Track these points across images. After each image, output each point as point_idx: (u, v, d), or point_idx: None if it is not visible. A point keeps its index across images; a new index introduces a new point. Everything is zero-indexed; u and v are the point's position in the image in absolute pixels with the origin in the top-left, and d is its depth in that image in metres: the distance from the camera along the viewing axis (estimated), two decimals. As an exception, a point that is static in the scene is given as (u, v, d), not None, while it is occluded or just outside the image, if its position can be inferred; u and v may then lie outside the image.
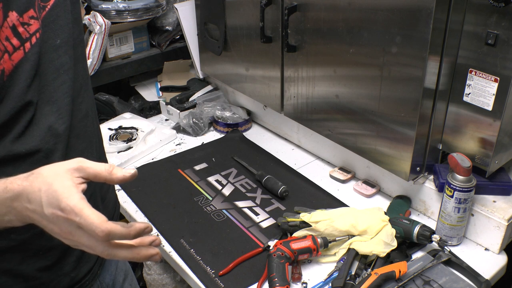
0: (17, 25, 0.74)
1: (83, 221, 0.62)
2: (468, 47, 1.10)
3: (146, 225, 0.65)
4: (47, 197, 0.64)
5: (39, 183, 0.65)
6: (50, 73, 0.81)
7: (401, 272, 1.09)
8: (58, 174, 0.65)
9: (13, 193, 0.66)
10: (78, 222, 0.62)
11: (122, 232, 0.63)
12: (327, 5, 1.25)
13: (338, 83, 1.32)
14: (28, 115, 0.78)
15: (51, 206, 0.64)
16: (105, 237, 0.62)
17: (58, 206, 0.63)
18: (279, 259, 1.12)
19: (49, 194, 0.64)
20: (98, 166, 0.67)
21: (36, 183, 0.65)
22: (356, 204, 1.38)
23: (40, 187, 0.64)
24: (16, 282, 0.86)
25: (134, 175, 0.69)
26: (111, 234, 0.62)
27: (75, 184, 0.65)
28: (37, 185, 0.65)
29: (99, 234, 0.62)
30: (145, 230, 0.65)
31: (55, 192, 0.63)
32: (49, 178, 0.65)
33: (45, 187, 0.64)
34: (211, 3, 1.67)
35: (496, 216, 1.18)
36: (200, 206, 1.40)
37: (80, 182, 0.66)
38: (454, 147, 1.22)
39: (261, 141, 1.74)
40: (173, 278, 1.53)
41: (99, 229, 0.62)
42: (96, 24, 1.70)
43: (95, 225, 0.62)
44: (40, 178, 0.65)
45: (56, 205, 0.63)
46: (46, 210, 0.64)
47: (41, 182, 0.65)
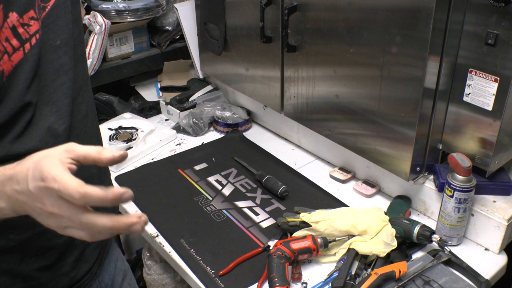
0: (17, 26, 0.74)
1: (61, 185, 0.61)
2: (468, 47, 1.10)
3: (125, 190, 0.63)
4: (32, 172, 0.63)
5: (28, 163, 0.65)
6: (50, 73, 0.80)
7: (401, 272, 1.09)
8: (48, 154, 0.65)
9: (5, 176, 0.66)
10: (57, 189, 0.61)
11: (99, 194, 0.61)
12: (327, 5, 1.25)
13: (338, 83, 1.32)
14: (27, 115, 0.78)
15: (34, 179, 0.63)
16: (81, 199, 0.61)
17: (40, 177, 0.62)
18: (279, 259, 1.12)
19: (35, 169, 0.63)
20: (87, 148, 0.66)
21: (25, 164, 0.65)
22: (356, 204, 1.38)
23: (28, 166, 0.64)
24: (15, 282, 0.86)
25: (123, 156, 0.67)
26: (87, 196, 0.61)
27: (62, 162, 0.64)
28: (26, 165, 0.65)
29: (75, 196, 0.60)
30: (124, 195, 0.62)
31: (41, 166, 0.63)
32: (38, 157, 0.65)
33: (33, 165, 0.64)
34: (211, 3, 1.67)
35: (496, 216, 1.18)
36: (200, 206, 1.40)
37: (68, 162, 0.65)
38: (454, 147, 1.22)
39: (261, 141, 1.74)
40: (173, 278, 1.53)
41: (76, 191, 0.60)
42: (96, 24, 1.70)
43: (72, 187, 0.61)
44: (30, 159, 0.65)
45: (39, 176, 0.62)
46: (30, 184, 0.63)
47: (30, 162, 0.65)
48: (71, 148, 0.66)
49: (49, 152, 0.66)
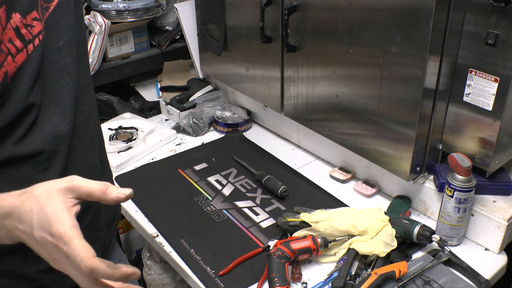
0: (20, 26, 0.74)
1: (70, 251, 0.61)
2: (468, 47, 1.10)
3: (133, 271, 0.63)
4: (38, 219, 0.62)
5: (31, 203, 0.64)
6: (53, 74, 0.80)
7: (401, 272, 1.09)
8: (50, 195, 0.63)
9: (4, 210, 0.65)
10: (66, 252, 0.61)
11: (106, 272, 0.61)
12: (327, 5, 1.25)
13: (338, 83, 1.32)
14: (31, 117, 0.77)
15: (41, 230, 0.62)
16: (88, 273, 0.61)
17: (48, 230, 0.62)
18: (279, 259, 1.12)
19: (41, 217, 0.62)
20: (91, 185, 0.65)
21: (28, 203, 0.64)
22: (356, 204, 1.38)
23: (32, 208, 0.63)
24: (19, 284, 0.86)
25: (130, 196, 0.68)
26: (95, 271, 0.61)
27: (67, 208, 0.63)
28: (29, 205, 0.64)
29: (83, 269, 0.60)
30: (132, 276, 0.63)
31: (47, 216, 0.62)
32: (41, 199, 0.63)
33: (36, 208, 0.63)
34: (211, 3, 1.67)
35: (496, 216, 1.18)
36: (200, 206, 1.40)
37: (72, 204, 0.64)
38: (454, 147, 1.22)
39: (261, 141, 1.74)
40: (173, 278, 1.53)
41: (84, 264, 0.60)
42: (96, 24, 1.70)
43: (80, 258, 0.60)
44: (32, 198, 0.64)
45: (47, 229, 0.62)
46: (36, 232, 0.63)
47: (33, 202, 0.63)
48: (74, 186, 0.64)
49: (52, 190, 0.64)
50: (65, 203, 0.63)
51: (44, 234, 0.62)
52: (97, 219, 0.96)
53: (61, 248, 0.61)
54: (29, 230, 0.63)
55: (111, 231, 1.03)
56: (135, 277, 0.63)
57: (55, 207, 0.62)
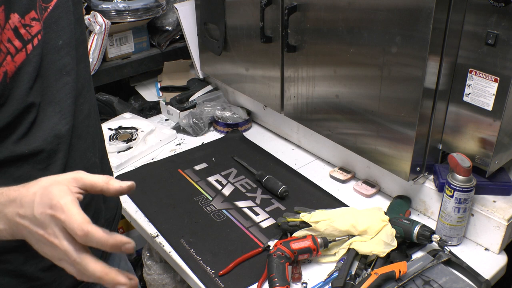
0: (18, 26, 0.74)
1: (67, 218, 0.62)
2: (468, 47, 1.10)
3: (128, 240, 0.63)
4: (40, 197, 0.64)
5: (35, 188, 0.65)
6: (53, 74, 0.81)
7: (401, 272, 1.09)
8: (57, 181, 0.66)
9: (8, 198, 0.66)
10: (63, 220, 0.62)
11: (100, 237, 0.61)
12: (327, 5, 1.25)
13: (338, 83, 1.32)
14: (30, 116, 0.78)
15: (42, 206, 0.63)
16: (83, 237, 0.61)
17: (49, 204, 0.63)
18: (279, 259, 1.12)
19: (43, 195, 0.64)
20: (95, 177, 0.67)
21: (32, 188, 0.66)
22: (356, 204, 1.38)
23: (35, 191, 0.65)
24: (20, 282, 0.86)
25: (131, 187, 0.69)
26: (89, 235, 0.61)
27: (71, 191, 0.65)
28: (33, 189, 0.65)
29: (78, 233, 0.61)
30: (125, 245, 0.62)
31: (50, 193, 0.64)
32: (46, 183, 0.65)
33: (40, 190, 0.64)
34: (211, 3, 1.67)
35: (496, 216, 1.18)
36: (200, 206, 1.40)
37: (76, 192, 0.66)
38: (454, 147, 1.22)
39: (261, 141, 1.74)
40: (173, 278, 1.53)
41: (80, 227, 0.61)
42: (96, 24, 1.70)
43: (77, 223, 0.61)
44: (38, 184, 0.66)
45: (48, 203, 0.63)
46: (37, 210, 0.64)
47: (38, 186, 0.65)
48: (79, 177, 0.66)
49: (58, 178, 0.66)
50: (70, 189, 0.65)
51: (44, 209, 0.63)
52: (97, 218, 0.96)
53: (59, 217, 0.62)
54: (29, 211, 0.64)
55: (111, 230, 1.03)
56: (129, 247, 0.63)
57: (60, 188, 0.64)
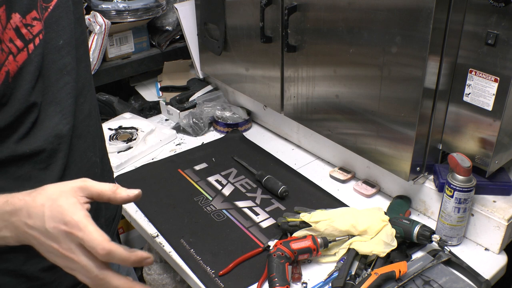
0: (20, 26, 0.74)
1: (86, 236, 0.61)
2: (468, 47, 1.10)
3: (148, 255, 0.63)
4: (50, 211, 0.63)
5: (42, 199, 0.65)
6: (53, 74, 0.81)
7: (401, 272, 1.09)
8: (63, 191, 0.65)
9: (14, 207, 0.66)
10: (81, 238, 0.61)
11: (122, 254, 0.62)
12: (327, 5, 1.25)
13: (338, 83, 1.32)
14: (32, 116, 0.78)
15: (54, 220, 0.63)
16: (105, 256, 0.61)
17: (62, 220, 0.62)
18: (279, 259, 1.12)
19: (53, 209, 0.63)
20: (102, 186, 0.66)
21: (39, 199, 0.65)
22: (356, 204, 1.38)
23: (43, 203, 0.64)
24: (19, 282, 0.86)
25: (138, 196, 0.69)
26: (111, 254, 0.61)
27: (79, 202, 0.64)
28: (40, 200, 0.65)
29: (99, 252, 0.61)
30: (146, 260, 0.63)
31: (60, 207, 0.63)
32: (54, 194, 0.65)
33: (49, 202, 0.64)
34: (211, 3, 1.67)
35: (496, 216, 1.18)
36: (200, 206, 1.40)
37: (84, 202, 0.65)
38: (454, 147, 1.22)
39: (261, 141, 1.74)
40: (173, 278, 1.53)
41: (101, 246, 0.61)
42: (96, 24, 1.70)
43: (97, 241, 0.61)
44: (44, 194, 0.65)
45: (60, 219, 0.62)
46: (48, 224, 0.63)
47: (45, 197, 0.65)
48: (86, 186, 0.66)
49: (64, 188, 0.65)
50: (77, 199, 0.64)
51: (57, 224, 0.63)
52: (96, 217, 0.96)
53: (76, 235, 0.62)
54: (39, 223, 0.64)
55: (111, 230, 1.03)
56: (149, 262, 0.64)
57: (68, 200, 0.64)
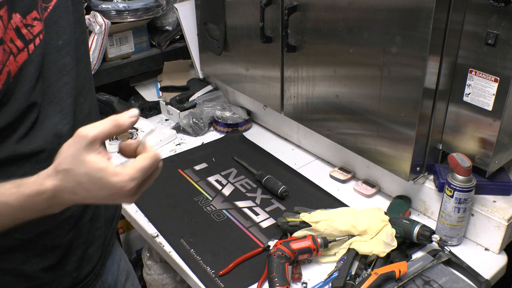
0: (20, 27, 0.74)
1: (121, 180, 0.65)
2: (468, 47, 1.10)
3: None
4: (94, 184, 0.66)
5: (74, 178, 0.66)
6: (53, 74, 0.81)
7: (401, 272, 1.09)
8: (82, 162, 0.65)
9: (50, 193, 0.67)
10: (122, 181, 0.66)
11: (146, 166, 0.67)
12: (327, 5, 1.25)
13: (338, 83, 1.32)
14: (32, 116, 0.78)
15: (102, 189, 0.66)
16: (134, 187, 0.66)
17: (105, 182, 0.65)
18: (279, 259, 1.12)
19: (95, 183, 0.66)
20: (103, 128, 0.67)
21: (70, 180, 0.66)
22: (356, 204, 1.38)
23: (79, 180, 0.66)
24: (19, 282, 0.86)
25: (137, 115, 0.70)
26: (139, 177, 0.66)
27: (102, 158, 0.66)
28: (73, 180, 0.66)
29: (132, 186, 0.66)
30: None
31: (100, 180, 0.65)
32: (79, 170, 0.66)
33: (85, 178, 0.65)
34: (211, 3, 1.67)
35: (496, 216, 1.18)
36: (200, 206, 1.40)
37: (100, 152, 0.66)
38: (454, 147, 1.22)
39: (261, 141, 1.74)
40: (173, 278, 1.53)
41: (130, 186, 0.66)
42: (96, 24, 1.70)
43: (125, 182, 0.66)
44: (71, 174, 0.66)
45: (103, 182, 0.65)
46: (103, 193, 0.67)
47: (77, 176, 0.66)
48: (93, 139, 0.66)
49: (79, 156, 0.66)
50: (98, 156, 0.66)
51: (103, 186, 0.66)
52: (97, 217, 0.96)
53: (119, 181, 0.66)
54: (90, 194, 0.67)
55: (110, 229, 1.03)
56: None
57: (96, 165, 0.65)
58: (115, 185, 0.65)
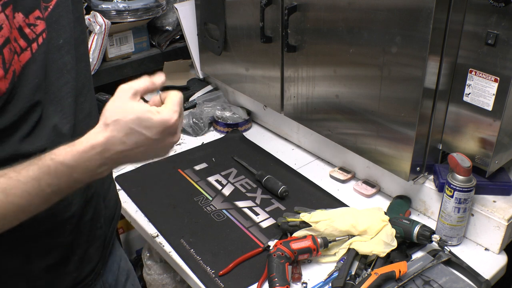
0: (23, 26, 0.74)
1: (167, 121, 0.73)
2: (468, 47, 1.10)
3: None
4: (144, 126, 0.71)
5: (124, 126, 0.71)
6: (54, 73, 0.81)
7: (401, 272, 1.09)
8: (129, 109, 0.71)
9: (102, 146, 0.71)
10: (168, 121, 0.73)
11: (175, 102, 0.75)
12: (327, 5, 1.25)
13: (338, 83, 1.32)
14: (35, 115, 0.78)
15: (151, 128, 0.71)
16: (177, 119, 0.74)
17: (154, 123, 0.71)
18: (279, 259, 1.12)
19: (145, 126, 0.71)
20: (143, 83, 0.75)
21: (121, 128, 0.71)
22: (356, 204, 1.38)
23: (129, 126, 0.71)
24: (21, 281, 0.86)
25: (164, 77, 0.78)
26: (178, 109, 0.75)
27: (146, 104, 0.73)
28: (124, 128, 0.71)
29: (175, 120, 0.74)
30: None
31: (149, 120, 0.71)
32: (128, 117, 0.71)
33: (135, 123, 0.71)
34: (211, 3, 1.67)
35: (496, 216, 1.18)
36: (200, 206, 1.40)
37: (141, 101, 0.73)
38: (454, 147, 1.22)
39: (261, 141, 1.74)
40: (173, 278, 1.53)
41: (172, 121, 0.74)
42: (96, 24, 1.70)
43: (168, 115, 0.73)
44: (121, 123, 0.71)
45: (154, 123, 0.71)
46: (153, 135, 0.72)
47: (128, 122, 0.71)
48: (135, 91, 0.73)
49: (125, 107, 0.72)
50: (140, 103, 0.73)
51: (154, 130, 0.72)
52: (97, 217, 0.96)
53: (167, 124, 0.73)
54: (142, 138, 0.72)
55: (110, 228, 1.03)
56: None
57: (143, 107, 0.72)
58: (163, 118, 0.72)
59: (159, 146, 0.75)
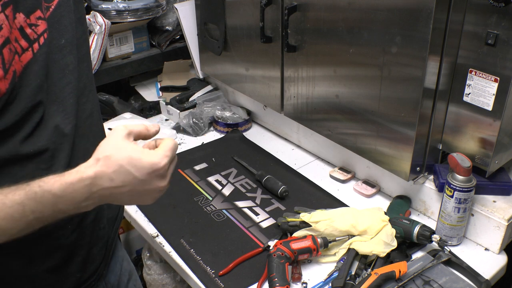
0: (24, 26, 0.74)
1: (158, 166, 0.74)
2: (468, 47, 1.10)
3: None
4: (134, 165, 0.71)
5: (114, 163, 0.71)
6: (56, 73, 0.81)
7: (401, 272, 1.09)
8: (121, 148, 0.72)
9: (91, 179, 0.71)
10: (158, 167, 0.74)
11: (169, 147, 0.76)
12: (327, 5, 1.25)
13: (338, 83, 1.32)
14: (37, 115, 0.78)
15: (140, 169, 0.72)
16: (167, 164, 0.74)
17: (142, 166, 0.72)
18: (279, 259, 1.12)
19: (134, 165, 0.72)
20: (137, 127, 0.77)
21: (111, 165, 0.71)
22: (356, 204, 1.38)
23: (119, 164, 0.71)
24: (24, 283, 0.86)
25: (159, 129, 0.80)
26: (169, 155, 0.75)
27: (138, 145, 0.74)
28: (114, 165, 0.71)
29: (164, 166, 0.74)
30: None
31: (139, 160, 0.72)
32: (119, 154, 0.72)
33: (124, 161, 0.71)
34: (211, 3, 1.67)
35: (496, 216, 1.18)
36: (200, 206, 1.40)
37: (135, 143, 0.75)
38: (454, 147, 1.22)
39: (261, 141, 1.74)
40: (173, 278, 1.53)
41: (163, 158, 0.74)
42: (96, 24, 1.70)
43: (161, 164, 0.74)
44: (112, 159, 0.71)
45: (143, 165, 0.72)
46: (141, 175, 0.72)
47: (118, 159, 0.71)
48: (130, 132, 0.75)
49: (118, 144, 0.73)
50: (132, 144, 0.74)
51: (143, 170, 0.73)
52: (100, 217, 0.96)
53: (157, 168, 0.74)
54: (129, 178, 0.72)
55: (113, 229, 1.03)
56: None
57: (133, 151, 0.73)
58: (152, 161, 0.72)
59: (145, 188, 0.74)
